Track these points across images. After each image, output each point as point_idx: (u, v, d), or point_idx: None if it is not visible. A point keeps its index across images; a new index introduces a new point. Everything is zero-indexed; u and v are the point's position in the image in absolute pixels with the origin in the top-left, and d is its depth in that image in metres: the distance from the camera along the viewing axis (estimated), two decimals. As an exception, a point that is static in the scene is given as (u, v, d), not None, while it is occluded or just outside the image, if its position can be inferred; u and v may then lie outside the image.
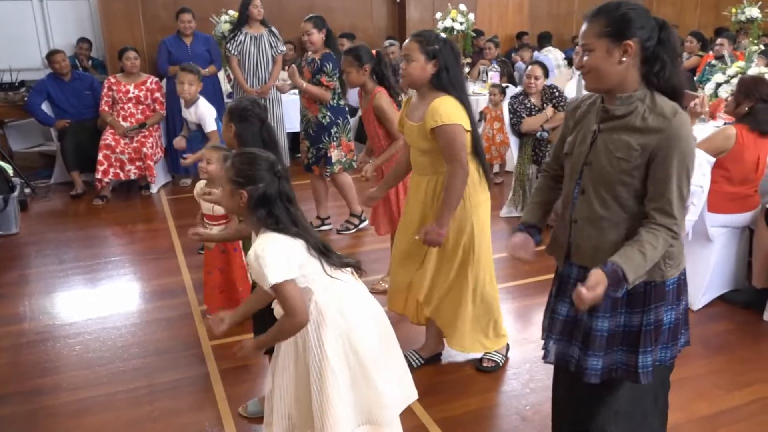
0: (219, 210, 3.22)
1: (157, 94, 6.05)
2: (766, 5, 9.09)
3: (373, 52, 3.74)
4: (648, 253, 1.75)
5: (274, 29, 6.05)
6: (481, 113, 6.27)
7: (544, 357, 2.07)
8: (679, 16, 10.41)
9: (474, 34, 7.64)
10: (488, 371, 3.02)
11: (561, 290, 2.02)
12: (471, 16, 7.22)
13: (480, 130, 6.16)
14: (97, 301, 3.89)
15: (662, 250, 1.78)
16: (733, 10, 8.78)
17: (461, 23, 7.10)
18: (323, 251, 1.92)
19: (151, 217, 5.51)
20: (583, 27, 1.82)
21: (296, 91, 6.86)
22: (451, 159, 2.57)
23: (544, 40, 8.69)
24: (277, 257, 1.81)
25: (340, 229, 4.98)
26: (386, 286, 3.76)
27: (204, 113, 4.37)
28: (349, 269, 2.02)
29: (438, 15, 7.34)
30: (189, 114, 4.45)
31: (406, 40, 2.67)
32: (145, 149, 5.78)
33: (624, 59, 1.75)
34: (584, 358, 1.93)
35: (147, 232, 5.16)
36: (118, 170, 5.76)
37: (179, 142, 4.54)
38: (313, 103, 4.60)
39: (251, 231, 2.00)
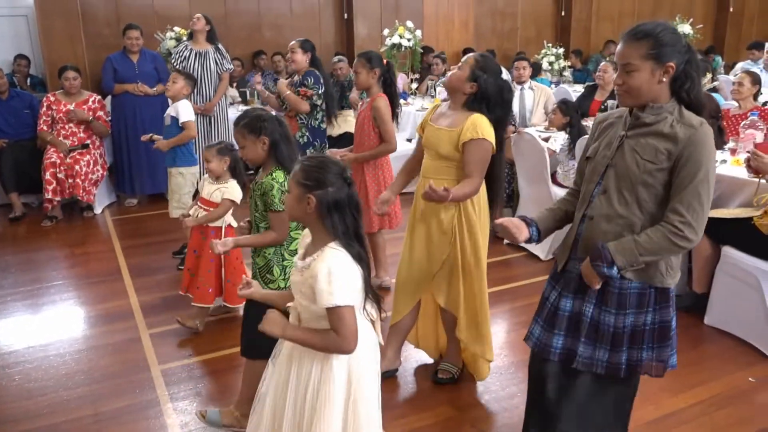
0: (216, 197, 3.52)
1: (100, 113, 5.90)
2: (696, 22, 9.54)
3: (384, 61, 3.82)
4: (641, 239, 1.88)
5: (220, 46, 5.99)
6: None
7: (546, 354, 2.12)
8: (617, 32, 10.78)
9: (422, 51, 7.74)
10: (443, 383, 3.03)
11: (565, 287, 2.09)
12: (418, 32, 7.32)
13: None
14: (38, 328, 3.74)
15: (661, 243, 1.87)
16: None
17: (409, 40, 7.19)
18: (369, 284, 1.85)
19: (95, 238, 5.35)
20: (623, 47, 1.91)
21: (246, 108, 6.89)
22: (471, 172, 2.67)
23: (489, 56, 8.88)
24: (349, 280, 1.76)
25: None
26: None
27: (184, 106, 4.36)
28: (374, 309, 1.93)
29: (386, 32, 7.41)
30: (170, 110, 4.44)
31: (468, 55, 2.79)
32: (77, 167, 5.59)
33: (664, 79, 1.87)
34: (592, 351, 2.03)
35: (91, 254, 4.99)
36: (60, 189, 5.57)
37: (145, 138, 4.58)
38: (294, 122, 4.57)
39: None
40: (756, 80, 4.86)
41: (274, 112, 2.85)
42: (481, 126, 2.65)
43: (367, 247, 1.91)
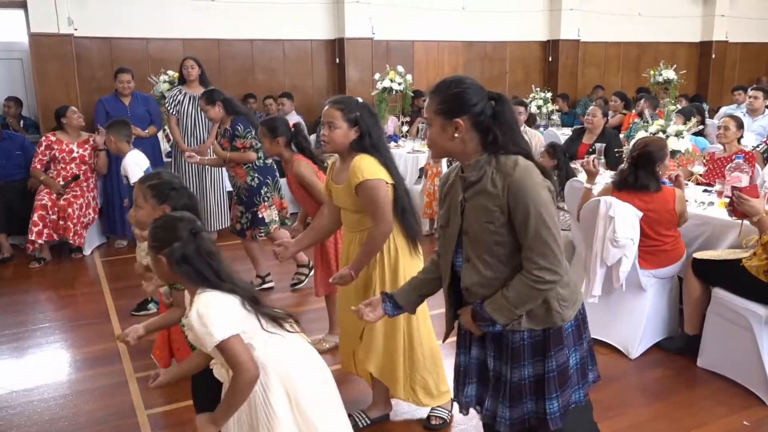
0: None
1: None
2: (680, 68, 9.78)
3: (290, 124, 3.79)
4: (509, 294, 1.86)
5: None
6: (421, 170, 6.40)
7: (460, 406, 2.09)
8: (603, 76, 11.05)
9: (413, 94, 7.86)
10: (435, 429, 2.98)
11: (467, 341, 2.08)
12: (409, 77, 7.45)
13: (421, 186, 6.29)
14: (22, 372, 3.67)
15: (526, 293, 1.84)
16: (651, 72, 9.38)
17: (399, 83, 7.31)
18: (257, 305, 1.91)
19: (84, 280, 5.29)
20: (426, 101, 1.94)
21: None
22: (375, 214, 2.62)
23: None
24: (220, 313, 1.79)
25: (294, 284, 4.91)
26: (327, 346, 3.71)
27: (129, 164, 4.27)
28: (287, 322, 2.00)
29: (377, 76, 7.54)
30: (122, 168, 4.38)
31: (326, 107, 2.70)
32: (70, 209, 5.57)
33: (456, 135, 1.87)
34: (496, 406, 1.99)
35: (79, 296, 4.94)
36: (51, 231, 5.54)
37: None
38: (240, 169, 4.60)
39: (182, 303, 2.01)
40: (740, 124, 4.96)
41: None
42: (360, 168, 2.60)
43: (240, 282, 1.95)
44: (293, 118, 7.16)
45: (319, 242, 3.11)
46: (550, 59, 10.42)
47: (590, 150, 5.48)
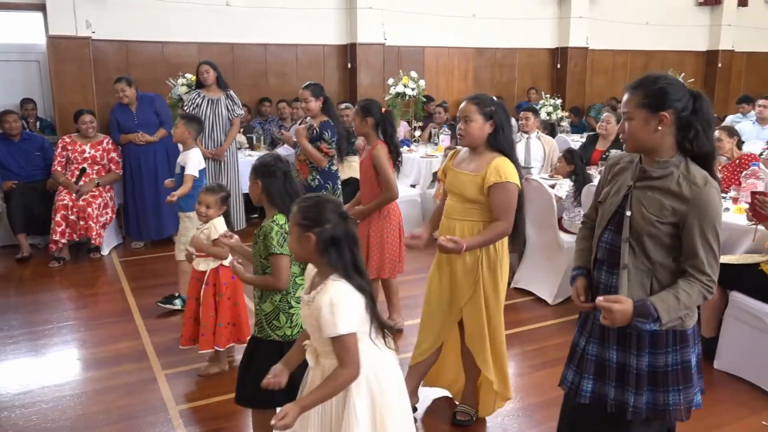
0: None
1: (113, 154, 6.00)
2: (687, 77, 9.87)
3: (383, 110, 3.91)
4: (682, 297, 1.94)
5: (231, 93, 6.15)
6: (434, 174, 6.48)
7: (578, 397, 2.18)
8: (611, 84, 11.13)
9: (425, 99, 7.94)
10: (463, 425, 3.05)
11: (591, 332, 2.18)
12: (422, 82, 7.53)
13: (433, 190, 6.37)
14: (51, 368, 3.74)
15: (697, 299, 1.97)
16: (660, 79, 9.49)
17: (413, 89, 7.39)
18: (374, 311, 1.93)
19: (104, 279, 5.36)
20: (625, 96, 2.03)
21: (253, 153, 7.02)
22: (501, 215, 2.76)
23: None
24: (349, 309, 1.84)
25: None
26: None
27: (191, 157, 4.32)
28: (388, 338, 2.02)
29: (390, 81, 7.62)
30: (180, 158, 4.42)
31: (463, 103, 2.83)
32: (90, 209, 5.65)
33: (660, 128, 1.96)
34: (624, 396, 2.08)
35: (100, 295, 5.01)
36: (72, 231, 5.62)
37: (169, 182, 4.51)
38: (305, 166, 4.65)
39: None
40: (732, 132, 5.07)
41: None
42: (503, 169, 2.75)
43: (368, 279, 1.98)
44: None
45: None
46: (559, 66, 10.52)
47: (604, 156, 5.56)
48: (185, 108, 6.00)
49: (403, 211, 4.73)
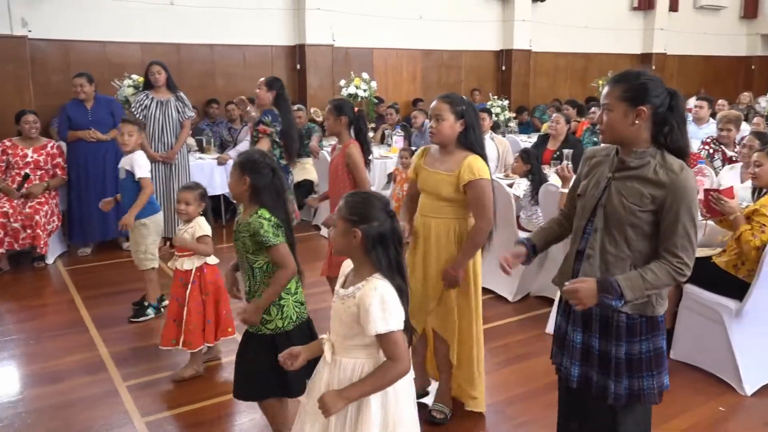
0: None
1: (59, 159, 5.74)
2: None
3: (356, 109, 3.92)
4: (648, 276, 2.02)
5: (181, 94, 5.99)
6: (389, 175, 6.50)
7: (567, 382, 2.27)
8: (553, 85, 11.47)
9: (377, 101, 7.96)
10: (438, 423, 3.07)
11: (574, 321, 2.25)
12: (374, 83, 7.54)
13: (389, 191, 6.39)
14: (4, 384, 3.54)
15: (666, 280, 2.03)
16: (600, 82, 9.81)
17: (365, 90, 7.39)
18: (406, 313, 1.91)
19: (51, 289, 5.12)
20: (606, 89, 2.11)
21: (204, 155, 6.87)
22: (479, 212, 2.80)
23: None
24: (397, 306, 1.82)
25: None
26: None
27: (139, 160, 4.20)
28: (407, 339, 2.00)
29: (342, 82, 7.60)
30: (125, 162, 4.24)
31: (435, 102, 2.85)
32: (38, 217, 5.40)
33: (637, 122, 2.03)
34: (606, 382, 2.16)
35: (49, 306, 4.78)
36: (12, 240, 5.34)
37: (106, 204, 4.29)
38: None
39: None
40: None
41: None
42: (476, 167, 2.79)
43: (407, 281, 1.97)
44: (258, 124, 7.12)
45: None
46: (503, 68, 10.75)
47: (555, 156, 5.71)
48: (133, 110, 5.81)
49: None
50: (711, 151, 5.64)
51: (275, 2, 8.58)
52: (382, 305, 1.79)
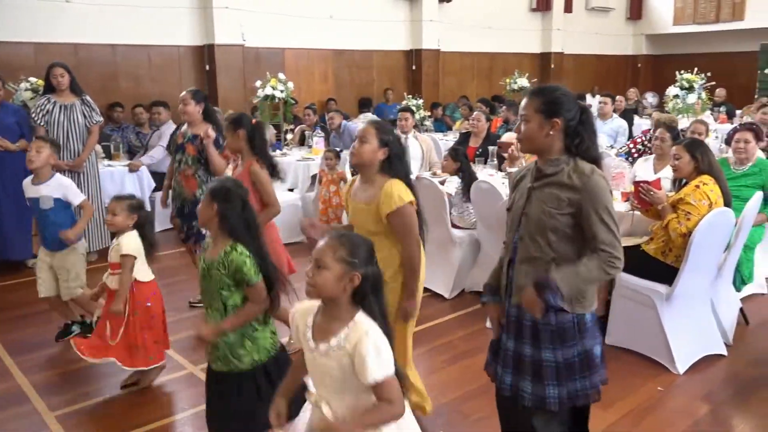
0: (114, 257, 3.30)
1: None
2: (533, 76, 10.68)
3: (253, 121, 3.73)
4: (580, 269, 2.10)
5: (87, 98, 5.58)
6: (314, 177, 6.39)
7: (502, 390, 2.29)
8: (460, 84, 11.74)
9: (293, 102, 7.81)
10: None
11: (507, 328, 2.28)
12: (291, 84, 7.39)
13: (314, 193, 6.29)
14: None
15: (598, 272, 2.10)
16: (507, 80, 10.16)
17: (281, 91, 7.23)
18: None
19: (-51, 315, 4.62)
20: (524, 101, 2.20)
21: (113, 163, 6.45)
22: (406, 237, 2.67)
23: (363, 106, 9.55)
24: (388, 348, 1.75)
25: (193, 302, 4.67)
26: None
27: (68, 185, 3.89)
28: None
29: (258, 83, 7.39)
30: (45, 189, 3.85)
31: (364, 125, 2.75)
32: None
33: (551, 132, 2.15)
34: (542, 389, 2.18)
35: (-52, 334, 4.31)
36: None
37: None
38: (193, 180, 4.34)
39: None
40: None
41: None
42: (394, 193, 2.65)
43: (389, 322, 1.89)
44: (170, 128, 6.80)
45: None
46: (414, 68, 10.87)
47: (478, 152, 5.83)
48: (33, 115, 5.35)
49: (285, 216, 4.60)
50: (641, 149, 5.90)
51: (180, 0, 8.22)
52: (376, 351, 1.71)
